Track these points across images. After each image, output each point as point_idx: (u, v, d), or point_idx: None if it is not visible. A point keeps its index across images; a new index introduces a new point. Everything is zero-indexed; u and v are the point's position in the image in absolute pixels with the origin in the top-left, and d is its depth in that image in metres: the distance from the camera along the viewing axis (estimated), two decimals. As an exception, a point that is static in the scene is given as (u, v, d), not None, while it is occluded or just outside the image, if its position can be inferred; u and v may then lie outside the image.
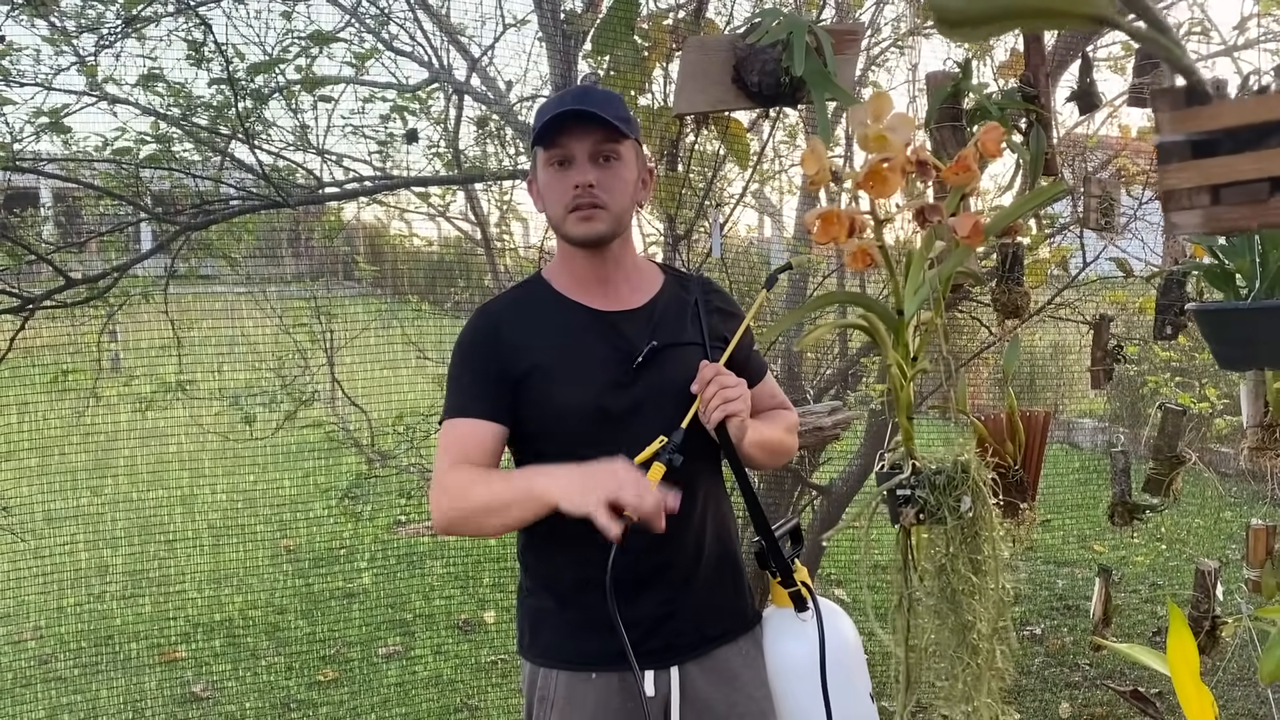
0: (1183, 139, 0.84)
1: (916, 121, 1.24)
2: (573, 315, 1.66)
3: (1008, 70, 2.54)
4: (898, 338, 1.22)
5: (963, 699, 1.17)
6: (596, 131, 1.58)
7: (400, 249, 4.40)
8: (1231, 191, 0.83)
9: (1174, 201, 0.85)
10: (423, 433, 3.47)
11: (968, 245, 1.17)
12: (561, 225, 1.62)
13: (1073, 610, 4.64)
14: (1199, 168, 0.84)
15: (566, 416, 1.60)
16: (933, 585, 1.20)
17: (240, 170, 3.21)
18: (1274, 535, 2.33)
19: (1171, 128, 0.84)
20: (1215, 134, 0.83)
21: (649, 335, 1.65)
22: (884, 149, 1.10)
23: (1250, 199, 0.81)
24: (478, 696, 3.75)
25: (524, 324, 1.65)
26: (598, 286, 1.67)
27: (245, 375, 3.70)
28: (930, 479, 1.19)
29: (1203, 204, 0.84)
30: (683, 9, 2.99)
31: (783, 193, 5.28)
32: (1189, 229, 0.85)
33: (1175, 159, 0.85)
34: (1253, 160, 0.81)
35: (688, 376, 1.61)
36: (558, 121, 1.55)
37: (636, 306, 1.69)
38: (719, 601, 1.69)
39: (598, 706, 1.60)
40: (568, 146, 1.58)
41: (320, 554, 4.86)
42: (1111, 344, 2.62)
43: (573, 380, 1.60)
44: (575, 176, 1.58)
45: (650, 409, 1.60)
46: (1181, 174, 0.84)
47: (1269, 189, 0.81)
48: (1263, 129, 0.81)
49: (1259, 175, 0.81)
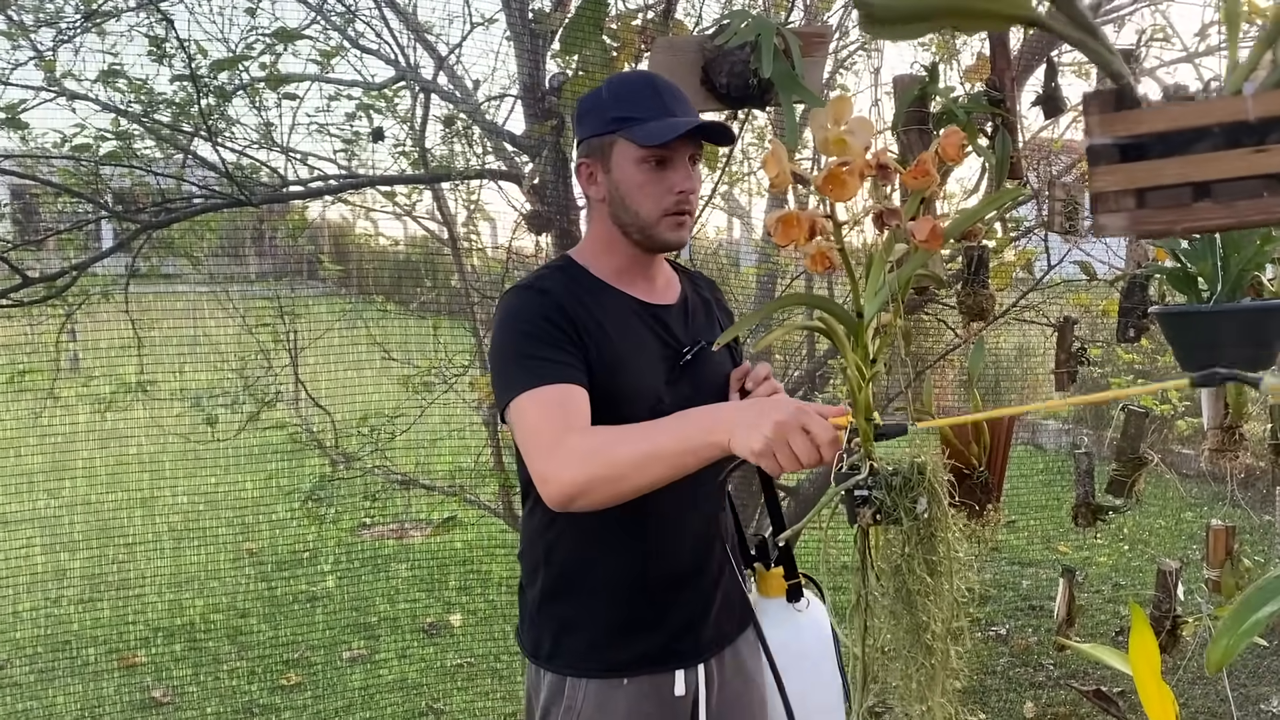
0: (1110, 142, 0.85)
1: (878, 125, 1.25)
2: (624, 305, 1.61)
3: (974, 74, 2.56)
4: (856, 340, 1.22)
5: (917, 698, 1.17)
6: (699, 137, 1.55)
7: (365, 248, 4.37)
8: (1156, 195, 0.83)
9: (1102, 203, 0.86)
10: (387, 434, 3.44)
11: (926, 249, 1.17)
12: (654, 226, 1.56)
13: (1037, 610, 4.68)
14: (1126, 171, 0.84)
15: (624, 404, 1.52)
16: (889, 585, 1.20)
17: (203, 168, 3.17)
18: (1233, 536, 2.36)
19: (1100, 131, 0.85)
20: (1145, 138, 0.84)
21: (688, 332, 1.66)
22: (843, 152, 1.10)
23: (1174, 203, 0.82)
24: (443, 700, 3.73)
25: (580, 305, 1.55)
26: (642, 280, 1.65)
27: (207, 376, 3.66)
28: (887, 480, 1.19)
29: (1129, 207, 0.84)
30: (651, 10, 2.99)
31: (751, 195, 5.30)
32: (1115, 231, 0.85)
33: (1103, 161, 0.85)
34: (1177, 165, 0.82)
35: (723, 376, 1.66)
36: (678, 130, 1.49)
37: (673, 302, 1.69)
38: (733, 597, 1.71)
39: (630, 713, 1.57)
40: (674, 148, 1.53)
41: (283, 557, 4.81)
42: (1075, 346, 2.64)
43: (635, 368, 1.57)
44: (677, 181, 1.55)
45: (692, 406, 1.59)
46: (1109, 177, 0.85)
47: (1192, 193, 0.82)
48: (1190, 134, 0.82)
49: (1182, 180, 0.82)
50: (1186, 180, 0.81)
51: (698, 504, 1.59)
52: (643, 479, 1.34)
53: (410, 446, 3.84)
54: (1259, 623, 0.86)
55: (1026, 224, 3.46)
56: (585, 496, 1.36)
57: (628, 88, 1.58)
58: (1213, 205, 0.81)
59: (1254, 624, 0.84)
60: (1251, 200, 0.79)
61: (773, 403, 1.29)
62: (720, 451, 1.28)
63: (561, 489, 1.37)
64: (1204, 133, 0.81)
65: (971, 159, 2.31)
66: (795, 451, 1.20)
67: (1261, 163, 0.78)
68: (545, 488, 1.40)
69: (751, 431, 1.23)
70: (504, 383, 1.50)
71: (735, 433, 1.25)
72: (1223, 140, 0.80)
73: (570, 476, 1.36)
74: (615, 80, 1.62)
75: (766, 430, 1.21)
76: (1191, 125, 0.81)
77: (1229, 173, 0.79)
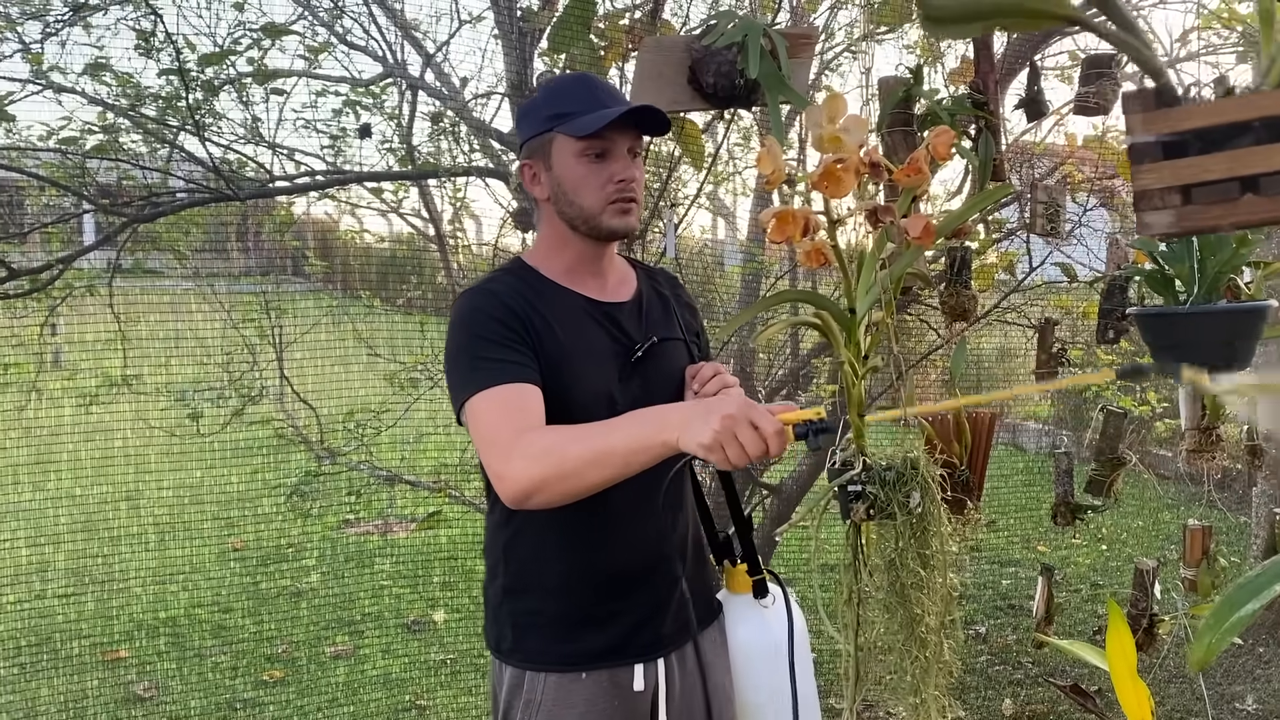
0: (1154, 140, 0.86)
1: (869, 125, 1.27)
2: (575, 303, 1.63)
3: (958, 77, 2.59)
4: (850, 336, 1.24)
5: (911, 691, 1.20)
6: (635, 128, 1.58)
7: (352, 245, 4.36)
8: (1203, 191, 0.84)
9: (1146, 201, 0.86)
10: (373, 430, 3.44)
11: (919, 246, 1.19)
12: (597, 216, 1.58)
13: (1016, 609, 4.72)
14: (1170, 168, 0.85)
15: (576, 403, 1.55)
16: (882, 580, 1.22)
17: (189, 163, 3.17)
18: (1209, 536, 2.40)
19: (1143, 129, 0.86)
20: (1185, 135, 0.85)
21: (642, 329, 1.67)
22: (838, 150, 1.12)
23: (1221, 198, 0.83)
24: (427, 696, 3.73)
25: (531, 305, 1.58)
26: (592, 278, 1.66)
27: (193, 371, 3.65)
28: (881, 475, 1.21)
29: (1174, 204, 0.85)
30: (639, 9, 3.01)
31: (736, 194, 5.33)
32: (1161, 229, 0.86)
33: (1147, 160, 0.86)
34: (1224, 160, 0.83)
35: (677, 371, 1.67)
36: (608, 117, 1.51)
37: (626, 299, 1.70)
38: (696, 592, 1.72)
39: (588, 706, 1.59)
40: (611, 139, 1.56)
41: (268, 552, 4.80)
42: (1056, 348, 2.68)
43: (586, 368, 1.58)
44: (617, 170, 1.57)
45: (645, 403, 1.57)
46: (1153, 174, 0.86)
47: (1239, 188, 0.83)
48: (1231, 129, 0.83)
49: (1229, 175, 0.82)
50: (1233, 175, 0.82)
51: (655, 501, 1.59)
52: (595, 477, 1.37)
53: (395, 442, 3.84)
54: (1241, 620, 0.88)
55: (1009, 226, 3.50)
56: (540, 494, 1.40)
57: (561, 87, 1.62)
58: (1260, 199, 0.82)
59: (1236, 622, 0.86)
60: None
61: (720, 399, 1.34)
62: (670, 449, 1.32)
63: (516, 486, 1.41)
64: (1245, 127, 0.82)
65: (955, 160, 2.33)
66: (743, 445, 1.23)
67: None
68: (500, 485, 1.43)
69: (700, 427, 1.26)
70: (459, 384, 1.53)
71: (684, 429, 1.28)
72: (1265, 134, 0.81)
73: (524, 474, 1.39)
74: (550, 82, 1.66)
75: (714, 425, 1.24)
76: (1234, 120, 0.82)
77: (1277, 166, 0.80)
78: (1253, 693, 3.83)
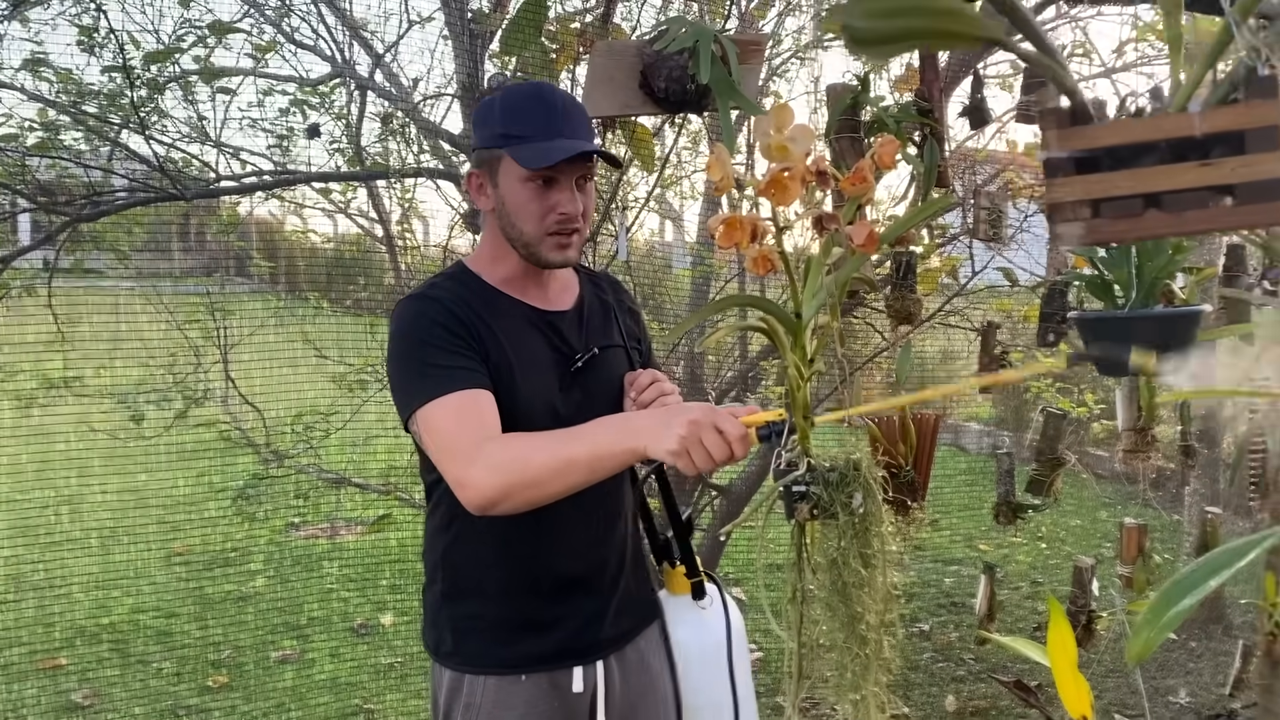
0: (1066, 156, 0.90)
1: (817, 132, 1.29)
2: (518, 311, 1.62)
3: (904, 85, 2.63)
4: (796, 340, 1.26)
5: (851, 688, 1.22)
6: (588, 159, 1.55)
7: (299, 246, 4.32)
8: (1110, 206, 0.89)
9: (1058, 213, 0.91)
10: (321, 432, 3.42)
11: (863, 253, 1.22)
12: (536, 245, 1.56)
13: (959, 607, 4.80)
14: (1081, 183, 0.90)
15: (519, 411, 1.53)
16: (825, 579, 1.25)
17: (133, 161, 3.12)
18: (1145, 534, 2.46)
19: (1057, 145, 0.90)
20: (1096, 152, 0.90)
21: (583, 338, 1.67)
22: (785, 158, 1.14)
23: (1127, 213, 0.88)
24: (375, 699, 3.71)
25: (475, 312, 1.56)
26: (535, 287, 1.65)
27: (135, 373, 3.59)
28: (824, 476, 1.23)
29: (1084, 216, 0.90)
30: (590, 13, 3.02)
31: (684, 198, 5.36)
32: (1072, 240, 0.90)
33: (1060, 174, 0.91)
34: (1130, 177, 0.87)
35: (618, 379, 1.67)
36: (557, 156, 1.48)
37: (568, 308, 1.69)
38: (636, 594, 1.73)
39: (527, 708, 1.60)
40: (559, 169, 1.53)
41: (212, 556, 4.73)
42: (997, 350, 2.74)
43: (529, 378, 1.57)
44: (562, 202, 1.54)
45: (589, 412, 1.58)
46: (1065, 188, 0.90)
47: (1143, 204, 0.87)
48: (1138, 149, 0.88)
49: (1134, 191, 0.87)
50: (1138, 191, 0.87)
51: (595, 506, 1.60)
52: (560, 485, 1.38)
53: (343, 445, 3.81)
54: (1177, 616, 0.92)
55: (952, 231, 3.57)
56: (504, 502, 1.40)
57: (518, 102, 1.58)
58: (1162, 215, 0.87)
59: (1173, 617, 0.90)
60: (1197, 210, 0.85)
61: (684, 406, 1.35)
62: (637, 456, 1.33)
63: (482, 495, 1.40)
64: (1152, 147, 0.87)
65: (901, 167, 2.38)
66: (708, 449, 1.26)
67: (1209, 175, 0.84)
68: (464, 493, 1.42)
69: (666, 433, 1.28)
70: (407, 392, 1.51)
71: (652, 436, 1.30)
72: (1169, 154, 0.86)
73: (488, 483, 1.39)
74: (509, 92, 1.61)
75: (680, 430, 1.26)
76: (1141, 140, 0.87)
77: (1178, 184, 0.85)
78: (1185, 686, 3.94)
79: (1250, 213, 0.84)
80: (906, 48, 0.89)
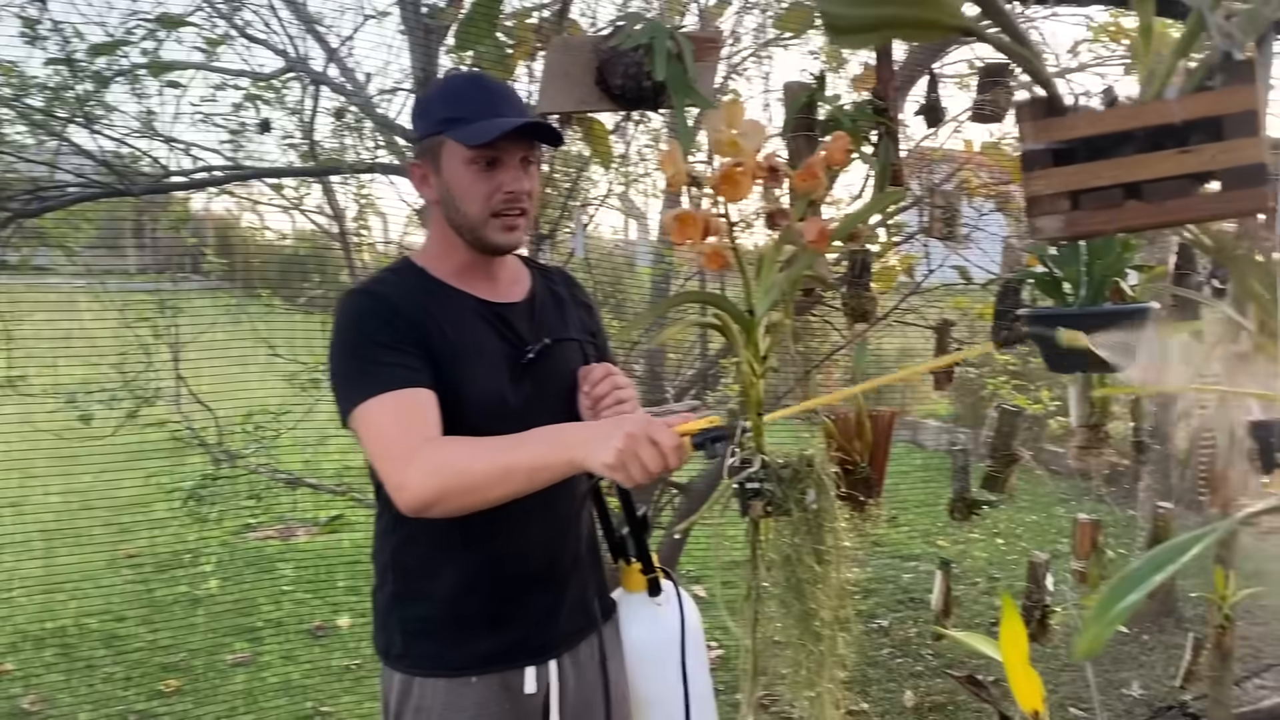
0: (1044, 147, 0.89)
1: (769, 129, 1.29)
2: (464, 304, 1.60)
3: (861, 83, 2.63)
4: (749, 337, 1.26)
5: (806, 685, 1.22)
6: (529, 138, 1.54)
7: (252, 242, 4.26)
8: (1090, 197, 0.88)
9: (1037, 207, 0.90)
10: (272, 432, 3.37)
11: (814, 249, 1.21)
12: (481, 228, 1.55)
13: (917, 603, 4.84)
14: (1060, 175, 0.89)
15: (467, 405, 1.52)
16: (779, 575, 1.24)
17: (79, 156, 3.05)
18: (1098, 529, 2.49)
19: (1034, 137, 0.89)
20: (1073, 143, 0.88)
21: (534, 330, 1.65)
22: (737, 154, 1.14)
23: (1107, 204, 0.87)
24: (330, 702, 3.67)
25: (419, 307, 1.54)
26: (483, 280, 1.63)
27: (83, 372, 3.51)
28: (778, 473, 1.23)
29: (1064, 209, 0.89)
30: (547, 8, 3.00)
31: (648, 196, 5.35)
32: (1052, 233, 0.89)
33: (1038, 166, 0.89)
34: (1109, 167, 0.86)
35: (571, 372, 1.66)
36: (499, 130, 1.47)
37: (519, 300, 1.67)
38: (590, 593, 1.72)
39: (478, 710, 1.58)
40: (502, 148, 1.51)
41: (163, 558, 4.65)
42: (953, 347, 2.76)
43: (477, 369, 1.55)
44: (506, 182, 1.53)
45: (540, 405, 1.59)
46: (1043, 180, 0.89)
47: (1123, 194, 0.86)
48: (1116, 138, 0.87)
49: (1114, 181, 0.86)
50: (1118, 182, 0.86)
51: (547, 506, 1.58)
52: (498, 492, 1.37)
53: (297, 445, 3.76)
54: (1124, 611, 0.92)
55: (908, 229, 3.58)
56: (439, 506, 1.39)
57: (456, 88, 1.58)
58: (1143, 205, 0.86)
59: (1119, 612, 0.90)
60: (1179, 199, 0.84)
61: (621, 418, 1.35)
62: (575, 468, 1.33)
63: (416, 498, 1.39)
64: (1129, 136, 0.86)
65: (857, 165, 2.38)
66: (644, 462, 1.25)
67: (1189, 163, 0.83)
68: (399, 495, 1.41)
69: (603, 446, 1.27)
70: (348, 389, 1.49)
71: (589, 448, 1.29)
72: (1146, 143, 0.85)
73: (424, 486, 1.38)
74: (445, 81, 1.63)
75: (617, 444, 1.25)
76: (1119, 129, 0.86)
77: (1159, 173, 0.84)
78: (1138, 678, 4.00)
79: (1233, 199, 0.83)
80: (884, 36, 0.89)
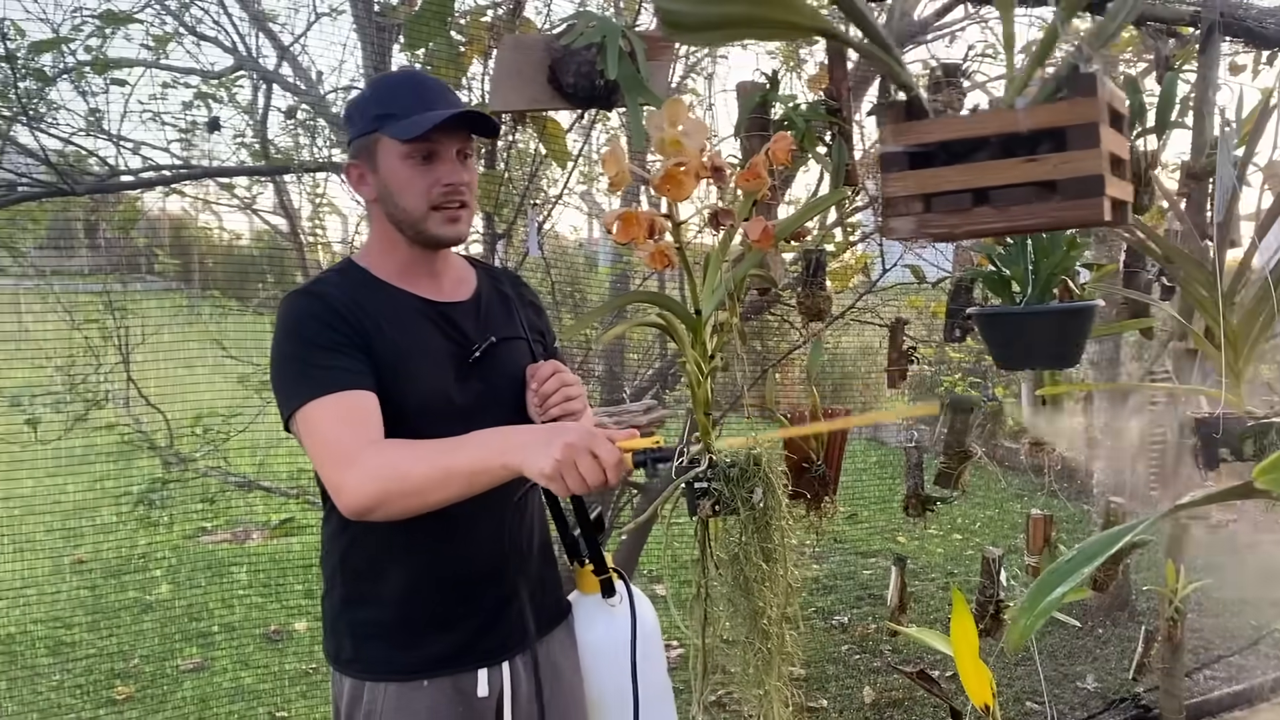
0: (901, 150, 0.91)
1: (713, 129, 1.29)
2: (407, 303, 1.59)
3: (816, 83, 2.65)
4: (695, 337, 1.26)
5: (754, 683, 1.22)
6: (464, 130, 1.54)
7: (204, 243, 4.20)
8: (941, 200, 0.90)
9: (892, 208, 0.92)
10: (223, 435, 3.32)
11: (758, 249, 1.21)
12: (422, 222, 1.54)
13: (876, 599, 4.87)
14: (914, 177, 0.91)
15: (412, 408, 1.51)
16: (727, 574, 1.24)
17: (22, 155, 2.99)
18: (1051, 524, 2.52)
19: (892, 139, 0.91)
20: (931, 147, 0.91)
21: (480, 329, 1.64)
22: (679, 153, 1.13)
23: (956, 208, 0.89)
24: (285, 707, 3.62)
25: (360, 308, 1.53)
26: (426, 279, 1.62)
27: (27, 374, 3.44)
28: (725, 471, 1.23)
29: (916, 211, 0.91)
30: (500, 6, 2.98)
31: (609, 194, 5.34)
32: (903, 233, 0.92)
33: (895, 169, 0.92)
34: (959, 172, 0.89)
35: (519, 370, 1.65)
36: (432, 121, 1.47)
37: (464, 299, 1.67)
38: (544, 594, 1.71)
39: (430, 715, 1.57)
40: (437, 141, 1.51)
41: (113, 564, 4.57)
42: (907, 346, 2.78)
43: (420, 370, 1.54)
44: (444, 174, 1.53)
45: (488, 403, 1.58)
46: (900, 183, 0.91)
47: (972, 199, 0.89)
48: (971, 144, 0.89)
49: (964, 186, 0.88)
50: (967, 186, 0.88)
51: (501, 503, 1.58)
52: (437, 496, 1.37)
53: (251, 447, 3.71)
54: (1053, 603, 0.92)
55: (864, 229, 3.61)
56: (380, 509, 1.38)
57: (388, 86, 1.58)
58: (990, 210, 0.88)
59: (1048, 605, 0.90)
60: (1024, 205, 0.86)
61: (562, 427, 1.35)
62: (512, 473, 1.32)
63: (357, 501, 1.39)
64: (983, 143, 0.88)
65: (814, 165, 2.39)
66: (582, 474, 1.25)
67: (1033, 170, 0.85)
68: (340, 498, 1.40)
69: (541, 454, 1.27)
70: (288, 390, 1.48)
71: (526, 456, 1.29)
72: (999, 150, 0.87)
73: (363, 489, 1.37)
74: (378, 80, 1.62)
75: (556, 453, 1.25)
76: (971, 135, 0.88)
77: (1005, 179, 0.86)
78: (1093, 671, 4.05)
79: (1071, 208, 0.85)
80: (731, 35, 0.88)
